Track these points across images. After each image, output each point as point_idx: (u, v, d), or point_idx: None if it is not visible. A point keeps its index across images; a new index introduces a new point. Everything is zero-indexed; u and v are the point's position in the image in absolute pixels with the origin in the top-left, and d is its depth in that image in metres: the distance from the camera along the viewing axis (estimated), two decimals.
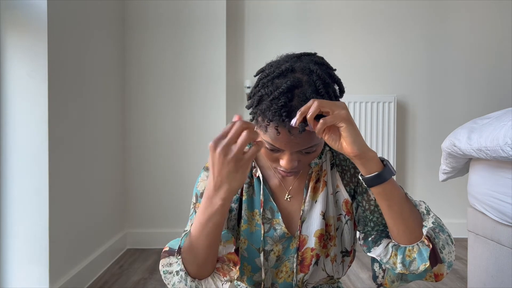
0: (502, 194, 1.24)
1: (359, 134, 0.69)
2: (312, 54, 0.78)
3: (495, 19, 2.69)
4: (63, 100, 1.64)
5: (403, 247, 0.76)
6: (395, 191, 0.73)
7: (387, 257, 0.77)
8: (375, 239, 0.80)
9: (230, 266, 0.76)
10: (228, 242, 0.78)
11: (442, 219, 2.95)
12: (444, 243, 0.75)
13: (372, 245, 0.80)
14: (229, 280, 0.74)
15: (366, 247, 0.81)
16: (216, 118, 2.48)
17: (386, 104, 2.55)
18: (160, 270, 0.77)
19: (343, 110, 0.67)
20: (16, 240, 1.50)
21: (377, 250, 0.78)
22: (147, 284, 1.89)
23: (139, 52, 2.48)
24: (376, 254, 0.78)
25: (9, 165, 1.50)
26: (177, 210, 2.47)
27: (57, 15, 1.57)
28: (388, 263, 0.77)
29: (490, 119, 1.34)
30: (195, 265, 0.73)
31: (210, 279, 0.74)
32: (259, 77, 0.76)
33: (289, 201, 0.88)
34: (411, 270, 0.74)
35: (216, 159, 0.64)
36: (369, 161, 0.70)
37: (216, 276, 0.75)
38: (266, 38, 2.64)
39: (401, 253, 0.75)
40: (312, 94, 0.69)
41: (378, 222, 0.83)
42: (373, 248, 0.79)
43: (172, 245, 0.78)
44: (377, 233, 0.82)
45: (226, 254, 0.77)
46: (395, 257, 0.76)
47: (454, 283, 1.89)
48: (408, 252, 0.75)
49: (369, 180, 0.71)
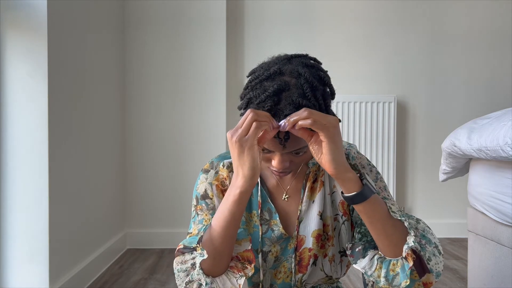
0: (502, 194, 1.24)
1: (340, 154, 0.69)
2: (303, 56, 0.78)
3: (495, 19, 2.69)
4: (63, 100, 1.64)
5: (388, 260, 0.76)
6: (377, 208, 0.73)
7: (372, 270, 0.77)
8: (362, 250, 0.80)
9: (244, 264, 0.77)
10: (244, 240, 0.79)
11: (442, 219, 2.92)
12: (431, 254, 0.74)
13: (359, 256, 0.79)
14: (243, 276, 0.75)
15: (353, 257, 0.80)
16: (216, 118, 2.48)
17: (386, 104, 2.55)
18: (174, 268, 0.76)
19: (332, 128, 0.67)
20: (16, 240, 1.50)
21: (363, 262, 0.78)
22: (147, 284, 1.89)
23: (139, 52, 2.48)
24: (361, 267, 0.78)
25: (9, 165, 1.50)
26: (177, 210, 2.47)
27: (57, 15, 1.57)
28: (372, 276, 0.76)
29: (490, 119, 1.33)
30: (211, 259, 0.73)
31: (225, 276, 0.75)
32: (250, 78, 0.77)
33: (286, 201, 0.88)
34: (393, 285, 0.74)
35: (230, 146, 0.69)
36: (346, 181, 0.71)
37: (230, 273, 0.75)
38: (266, 38, 2.64)
39: (386, 267, 0.75)
40: (299, 98, 0.69)
41: (366, 233, 0.83)
42: (359, 259, 0.79)
43: (188, 243, 0.78)
44: (365, 244, 0.81)
45: (242, 252, 0.78)
46: (379, 270, 0.76)
47: (454, 283, 1.88)
48: (392, 266, 0.75)
49: (348, 199, 0.72)
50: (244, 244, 0.79)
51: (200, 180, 0.88)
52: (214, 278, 0.74)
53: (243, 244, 0.79)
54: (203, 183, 0.87)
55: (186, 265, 0.75)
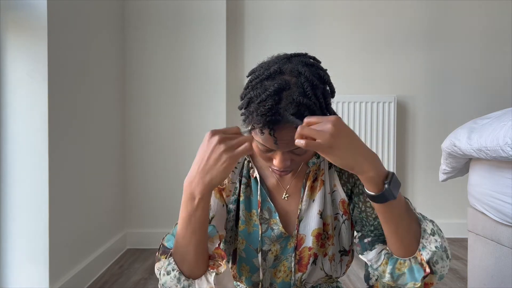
0: (502, 194, 1.24)
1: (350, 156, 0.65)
2: (303, 55, 0.78)
3: (495, 19, 2.69)
4: (63, 100, 1.64)
5: (395, 258, 0.75)
6: (394, 210, 0.71)
7: (378, 263, 0.76)
8: (371, 242, 0.80)
9: (219, 262, 0.76)
10: (215, 237, 0.79)
11: (442, 219, 2.92)
12: (438, 258, 0.73)
13: (366, 247, 0.79)
14: (216, 273, 0.74)
15: (360, 247, 0.80)
16: (216, 118, 2.48)
17: (386, 104, 2.55)
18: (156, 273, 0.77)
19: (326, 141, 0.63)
20: (16, 240, 1.50)
21: (370, 255, 0.78)
22: (147, 284, 1.89)
23: (139, 52, 2.48)
24: (368, 259, 0.78)
25: (9, 165, 1.50)
26: (177, 210, 2.42)
27: (57, 15, 1.57)
28: (377, 270, 0.76)
29: (490, 119, 1.33)
30: (186, 264, 0.73)
31: (203, 277, 0.74)
32: (250, 78, 0.77)
33: (286, 200, 0.88)
34: (398, 283, 0.74)
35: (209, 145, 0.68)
36: (365, 181, 0.68)
37: (208, 273, 0.75)
38: (266, 38, 2.64)
39: (392, 264, 0.75)
40: (299, 96, 0.69)
41: (379, 227, 0.82)
42: (366, 251, 0.79)
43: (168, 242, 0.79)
44: (374, 237, 0.81)
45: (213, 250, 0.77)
46: (385, 265, 0.76)
47: (454, 283, 1.88)
48: (398, 265, 0.74)
49: (368, 196, 0.70)
50: (215, 241, 0.79)
51: None
52: (194, 280, 0.74)
53: (215, 241, 0.79)
54: None
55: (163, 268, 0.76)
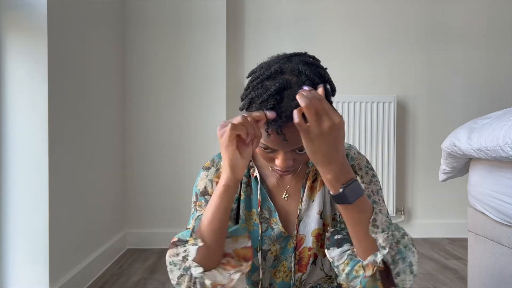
0: (502, 194, 1.24)
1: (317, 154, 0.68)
2: (303, 54, 0.78)
3: (495, 18, 2.69)
4: (63, 100, 1.64)
5: (356, 260, 0.74)
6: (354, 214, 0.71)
7: (339, 262, 0.76)
8: (341, 240, 0.78)
9: (239, 262, 0.76)
10: (242, 237, 0.78)
11: (442, 219, 2.91)
12: (401, 271, 0.71)
13: (334, 244, 0.78)
14: (239, 272, 0.74)
15: (329, 242, 0.79)
16: (216, 118, 2.48)
17: (386, 104, 2.55)
18: (167, 261, 0.76)
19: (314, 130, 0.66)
20: (16, 240, 1.50)
21: (334, 252, 0.77)
22: (147, 284, 1.89)
23: (139, 52, 2.48)
24: (331, 255, 0.77)
25: (9, 165, 1.50)
26: (177, 210, 2.47)
27: (57, 15, 1.57)
28: (337, 268, 0.76)
29: (490, 119, 1.33)
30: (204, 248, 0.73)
31: (215, 271, 0.74)
32: (250, 79, 0.77)
33: (286, 200, 0.88)
34: (350, 284, 0.74)
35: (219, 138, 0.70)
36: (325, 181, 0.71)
37: (220, 269, 0.74)
38: (266, 38, 2.64)
39: (352, 266, 0.74)
40: None
41: None
42: (333, 247, 0.78)
43: (182, 236, 0.77)
44: (346, 235, 0.79)
45: (239, 249, 0.77)
46: (345, 265, 0.75)
47: (454, 283, 1.88)
48: (357, 267, 0.73)
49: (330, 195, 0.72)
50: (241, 241, 0.77)
51: (201, 177, 0.88)
52: (204, 272, 0.73)
53: (240, 241, 0.77)
54: (203, 180, 0.87)
55: (178, 257, 0.74)
